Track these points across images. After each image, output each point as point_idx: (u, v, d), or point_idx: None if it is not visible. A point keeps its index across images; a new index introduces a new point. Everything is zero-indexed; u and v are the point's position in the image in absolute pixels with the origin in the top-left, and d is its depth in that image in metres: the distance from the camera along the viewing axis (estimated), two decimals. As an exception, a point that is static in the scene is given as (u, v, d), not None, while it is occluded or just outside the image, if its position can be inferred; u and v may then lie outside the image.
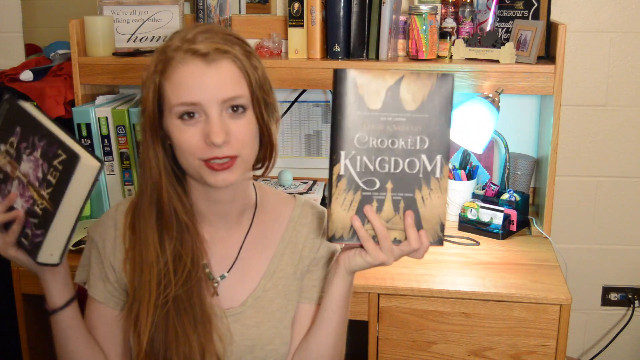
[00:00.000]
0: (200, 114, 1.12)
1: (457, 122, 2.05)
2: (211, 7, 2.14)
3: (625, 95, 2.26)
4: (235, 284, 1.25)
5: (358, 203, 1.11)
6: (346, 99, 1.08)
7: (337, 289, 1.22)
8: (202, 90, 1.11)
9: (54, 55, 2.35)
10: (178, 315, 1.17)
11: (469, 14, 2.11)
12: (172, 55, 1.13)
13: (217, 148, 1.11)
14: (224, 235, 1.27)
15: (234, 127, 1.13)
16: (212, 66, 1.11)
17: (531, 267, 1.85)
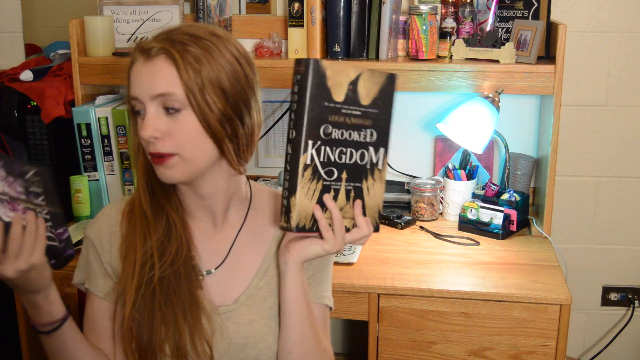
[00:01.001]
0: (142, 109, 1.15)
1: (457, 122, 2.05)
2: (211, 7, 2.14)
3: (625, 95, 2.26)
4: (227, 280, 1.25)
5: (319, 192, 1.14)
6: (316, 89, 1.10)
7: (292, 280, 1.21)
8: (139, 85, 1.14)
9: (54, 55, 2.35)
10: (166, 299, 1.18)
11: (469, 14, 2.11)
12: (133, 51, 1.18)
13: (151, 143, 1.14)
14: (212, 231, 1.27)
15: (169, 125, 1.13)
16: (148, 62, 1.13)
17: (531, 267, 1.85)
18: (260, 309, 1.24)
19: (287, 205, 1.12)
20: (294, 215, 1.11)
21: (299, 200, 1.11)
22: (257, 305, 1.24)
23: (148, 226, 1.22)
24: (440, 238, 2.05)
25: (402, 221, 2.12)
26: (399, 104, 2.40)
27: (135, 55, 1.16)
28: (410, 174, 2.34)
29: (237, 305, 1.24)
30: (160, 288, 1.18)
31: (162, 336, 1.17)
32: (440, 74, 2.01)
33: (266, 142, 2.40)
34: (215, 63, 1.14)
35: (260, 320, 1.24)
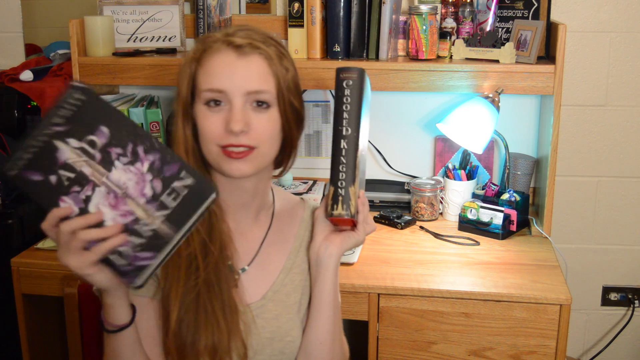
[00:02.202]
0: (225, 102, 1.17)
1: (457, 122, 2.05)
2: (211, 7, 2.14)
3: (625, 95, 2.26)
4: (256, 278, 1.29)
5: (359, 184, 1.24)
6: (364, 91, 1.23)
7: (334, 272, 1.27)
8: (230, 80, 1.16)
9: (54, 55, 2.35)
10: (209, 300, 1.19)
11: (469, 14, 2.11)
12: (210, 45, 1.19)
13: (234, 136, 1.15)
14: (245, 229, 1.30)
15: (255, 120, 1.17)
16: (242, 58, 1.17)
17: (531, 267, 1.85)
18: (285, 304, 1.28)
19: (346, 194, 1.20)
20: (353, 203, 1.20)
21: (355, 190, 1.21)
22: (283, 301, 1.28)
23: None
24: (440, 238, 2.05)
25: (402, 221, 2.12)
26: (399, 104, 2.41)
27: (221, 48, 1.17)
28: (410, 174, 2.34)
29: (264, 301, 1.27)
30: (204, 290, 1.19)
31: (205, 337, 1.18)
32: (440, 74, 2.01)
33: (266, 142, 2.40)
34: (292, 66, 1.23)
35: (286, 315, 1.27)
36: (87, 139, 1.00)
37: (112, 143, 1.00)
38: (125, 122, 1.01)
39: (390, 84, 2.02)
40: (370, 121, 2.30)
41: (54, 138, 0.99)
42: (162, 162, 0.99)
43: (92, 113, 1.00)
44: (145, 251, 1.00)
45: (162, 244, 1.00)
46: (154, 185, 0.99)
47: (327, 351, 1.29)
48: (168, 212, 0.99)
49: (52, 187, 0.99)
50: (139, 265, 1.00)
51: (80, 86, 1.00)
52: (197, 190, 1.00)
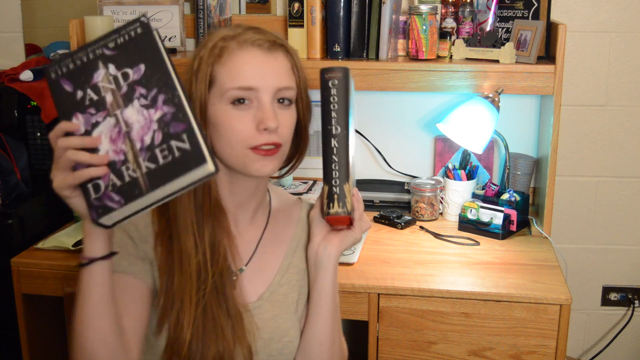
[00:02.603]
0: (252, 100, 1.15)
1: (457, 122, 2.05)
2: (211, 7, 2.14)
3: (625, 95, 2.26)
4: (252, 278, 1.28)
5: (353, 181, 1.25)
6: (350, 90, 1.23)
7: (333, 272, 1.26)
8: (261, 76, 1.15)
9: (54, 55, 2.35)
10: (216, 308, 1.19)
11: (469, 14, 2.11)
12: (227, 44, 1.17)
13: (267, 134, 1.15)
14: (242, 229, 1.29)
15: (281, 117, 1.17)
16: (270, 55, 1.17)
17: (531, 267, 1.85)
18: (282, 305, 1.28)
19: (341, 192, 1.21)
20: (349, 200, 1.21)
21: (349, 187, 1.21)
22: (280, 301, 1.28)
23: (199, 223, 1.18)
24: (440, 238, 2.05)
25: (402, 221, 2.12)
26: (399, 104, 2.41)
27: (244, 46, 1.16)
28: (410, 174, 2.34)
29: (261, 301, 1.27)
30: (211, 298, 1.18)
31: (214, 347, 1.17)
32: (440, 74, 2.01)
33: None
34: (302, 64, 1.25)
35: (284, 316, 1.27)
36: (123, 70, 1.02)
37: (141, 82, 1.01)
38: (163, 68, 1.01)
39: (390, 84, 2.02)
40: (370, 121, 2.32)
41: (100, 58, 1.02)
42: (172, 118, 0.99)
43: (140, 48, 1.02)
44: (117, 194, 1.00)
45: (133, 195, 0.99)
46: (155, 135, 0.99)
47: (326, 351, 1.28)
48: (154, 166, 0.98)
49: (74, 102, 1.02)
50: (105, 205, 1.00)
51: (143, 21, 1.03)
52: (189, 157, 0.97)
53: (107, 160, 1.00)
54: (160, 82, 1.01)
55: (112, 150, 1.01)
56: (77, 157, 0.99)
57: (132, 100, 1.01)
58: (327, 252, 1.25)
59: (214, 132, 1.17)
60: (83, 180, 0.99)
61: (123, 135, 1.01)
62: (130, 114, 1.01)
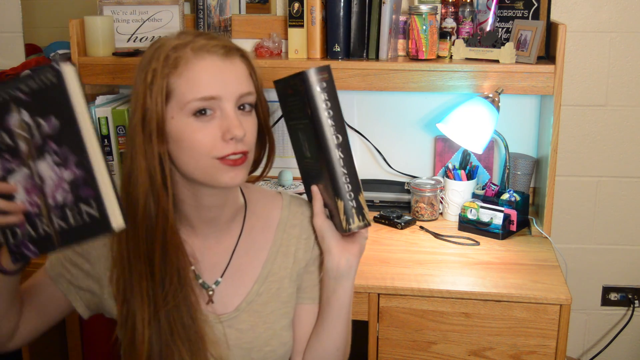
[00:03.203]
0: (214, 109, 1.10)
1: (457, 122, 2.05)
2: (211, 7, 2.14)
3: (625, 95, 2.26)
4: (229, 290, 1.25)
5: None
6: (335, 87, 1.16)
7: (352, 281, 1.25)
8: (221, 84, 1.10)
9: (54, 55, 2.35)
10: (171, 334, 1.16)
11: (469, 14, 2.11)
12: (181, 54, 1.10)
13: (234, 143, 1.10)
14: (213, 243, 1.25)
15: (245, 124, 1.13)
16: (227, 62, 1.12)
17: (531, 267, 1.85)
18: (261, 314, 1.25)
19: (358, 204, 1.17)
20: (366, 210, 1.17)
21: (363, 194, 1.17)
22: (258, 311, 1.25)
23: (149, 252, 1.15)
24: (440, 238, 2.05)
25: (402, 221, 2.12)
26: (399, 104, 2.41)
27: (200, 54, 1.10)
28: (410, 174, 2.34)
29: (238, 312, 1.24)
30: (166, 322, 1.16)
31: None
32: (440, 74, 2.01)
33: (266, 142, 2.40)
34: None
35: (263, 325, 1.24)
36: (37, 120, 0.99)
37: (53, 137, 0.99)
38: (74, 127, 0.98)
39: (390, 84, 2.02)
40: (370, 121, 2.32)
41: (13, 101, 0.98)
42: (82, 181, 0.99)
43: (54, 99, 0.98)
44: (33, 244, 1.03)
45: (47, 248, 1.03)
46: (66, 196, 1.00)
47: (341, 356, 1.29)
48: (65, 226, 1.01)
49: None
50: (23, 252, 1.04)
51: (56, 68, 0.97)
52: (96, 224, 1.00)
53: (22, 210, 1.01)
54: (71, 141, 0.99)
55: (27, 201, 1.01)
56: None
57: (44, 154, 1.00)
58: (350, 263, 1.23)
59: (176, 147, 1.11)
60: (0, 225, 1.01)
61: (37, 188, 1.01)
62: (43, 168, 1.00)
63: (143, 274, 1.15)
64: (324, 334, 1.27)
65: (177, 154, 1.12)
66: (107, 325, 1.34)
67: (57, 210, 1.01)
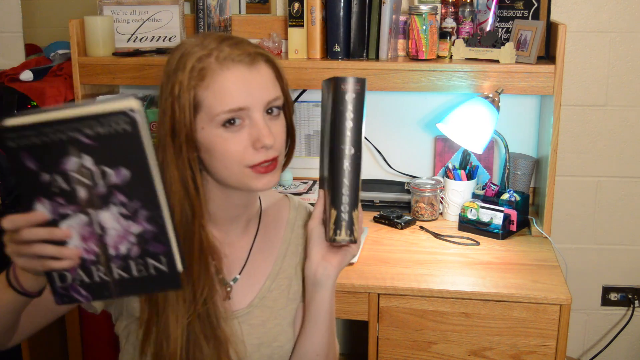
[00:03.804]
0: (243, 119, 1.11)
1: (457, 122, 2.05)
2: (211, 7, 2.14)
3: (625, 95, 2.26)
4: (244, 286, 1.27)
5: None
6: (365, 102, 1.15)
7: (332, 290, 1.24)
8: (249, 94, 1.10)
9: (54, 55, 2.35)
10: (200, 334, 1.17)
11: (469, 14, 2.11)
12: (207, 65, 1.10)
13: (264, 151, 1.11)
14: (234, 240, 1.27)
15: (274, 129, 1.14)
16: (254, 70, 1.12)
17: (531, 267, 1.85)
18: (272, 310, 1.27)
19: (349, 219, 1.15)
20: (358, 228, 1.16)
21: (359, 212, 1.16)
22: (269, 307, 1.27)
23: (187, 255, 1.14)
24: (440, 238, 2.05)
25: (402, 221, 2.12)
26: (399, 104, 2.41)
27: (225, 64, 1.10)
28: (410, 174, 2.34)
29: (250, 308, 1.26)
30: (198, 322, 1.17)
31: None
32: (440, 74, 2.01)
33: (266, 142, 2.40)
34: None
35: (273, 321, 1.26)
36: (102, 168, 0.90)
37: (122, 189, 0.91)
38: (149, 181, 0.91)
39: (390, 84, 2.02)
40: (370, 121, 2.33)
41: (72, 143, 0.88)
42: (153, 237, 0.93)
43: (125, 149, 0.88)
44: (85, 290, 0.97)
45: (102, 294, 0.98)
46: (132, 248, 0.94)
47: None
48: (126, 276, 0.95)
49: (39, 184, 0.91)
50: (72, 295, 0.98)
51: (132, 116, 0.86)
52: (164, 278, 0.95)
53: (76, 255, 0.94)
54: (144, 196, 0.91)
55: (82, 247, 0.94)
56: (45, 251, 0.93)
57: (110, 204, 0.92)
58: (327, 273, 1.22)
59: (208, 156, 1.13)
60: (49, 269, 0.96)
61: (96, 237, 0.94)
62: (106, 219, 0.93)
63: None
64: (304, 337, 1.28)
65: (209, 162, 1.14)
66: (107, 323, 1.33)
67: (119, 260, 0.95)
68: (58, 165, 0.90)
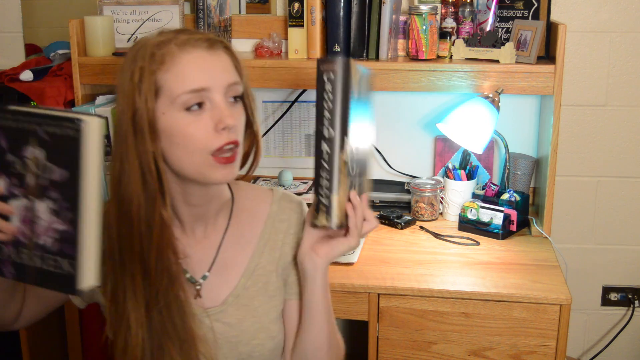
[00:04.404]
0: (204, 102, 1.11)
1: (457, 122, 2.05)
2: (211, 7, 2.14)
3: (625, 95, 2.26)
4: (216, 284, 1.25)
5: (348, 189, 1.15)
6: (347, 87, 1.11)
7: (321, 282, 1.23)
8: (209, 75, 1.11)
9: (54, 55, 2.35)
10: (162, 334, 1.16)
11: (469, 14, 2.11)
12: (167, 50, 1.11)
13: (227, 133, 1.11)
14: (201, 237, 1.26)
15: (235, 113, 1.14)
16: (214, 54, 1.13)
17: (531, 267, 1.85)
18: (249, 308, 1.25)
19: (329, 204, 1.12)
20: (337, 213, 1.13)
21: (342, 198, 1.12)
22: (246, 305, 1.25)
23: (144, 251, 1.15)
24: (440, 238, 2.05)
25: (402, 221, 2.12)
26: (399, 104, 2.41)
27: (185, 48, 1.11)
28: (410, 174, 2.34)
29: (225, 306, 1.24)
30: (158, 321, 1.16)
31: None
32: (440, 74, 2.01)
33: (266, 142, 2.40)
34: None
35: (251, 319, 1.25)
36: (48, 164, 1.01)
37: (59, 187, 1.00)
38: (78, 187, 0.99)
39: (390, 84, 2.02)
40: (370, 121, 2.32)
41: (33, 134, 1.00)
42: (70, 239, 1.00)
43: (70, 152, 0.98)
44: (12, 267, 1.06)
45: (23, 277, 1.06)
46: (52, 243, 1.02)
47: (324, 355, 1.27)
48: (42, 267, 1.03)
49: (4, 161, 1.03)
50: (1, 269, 1.07)
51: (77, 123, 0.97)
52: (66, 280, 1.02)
53: (14, 232, 1.04)
54: (71, 198, 1.00)
55: (18, 228, 1.04)
56: None
57: (44, 198, 1.01)
58: (313, 263, 1.20)
59: (168, 144, 1.12)
60: None
61: (30, 223, 1.03)
62: (41, 209, 1.02)
63: (137, 273, 1.15)
64: (301, 332, 1.27)
65: (170, 151, 1.12)
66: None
67: (39, 250, 1.03)
68: (20, 150, 1.01)
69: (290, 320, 1.30)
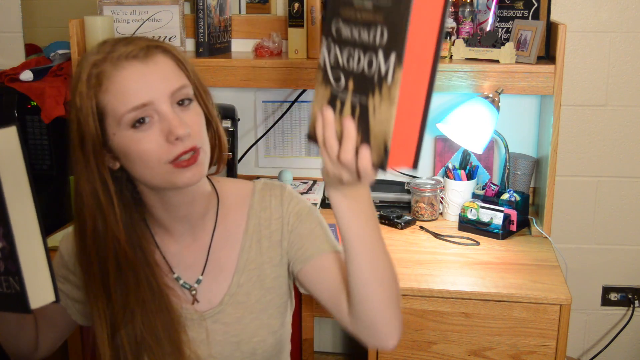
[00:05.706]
0: (151, 115, 1.07)
1: (457, 122, 2.05)
2: (211, 7, 2.14)
3: (625, 95, 2.26)
4: (211, 286, 1.24)
5: (326, 100, 0.98)
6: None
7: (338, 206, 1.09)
8: (149, 88, 1.07)
9: (54, 55, 2.35)
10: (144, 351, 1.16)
11: (469, 14, 2.11)
12: (101, 69, 1.08)
13: (181, 143, 1.07)
14: (190, 242, 1.24)
15: (187, 118, 1.09)
16: (150, 63, 1.09)
17: (531, 267, 1.85)
18: (246, 305, 1.24)
19: (312, 111, 1.01)
20: (310, 123, 1.00)
21: (313, 106, 1.00)
22: (243, 302, 1.24)
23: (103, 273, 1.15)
24: (440, 238, 2.05)
25: (402, 221, 2.12)
26: (399, 104, 2.39)
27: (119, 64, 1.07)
28: (410, 174, 2.34)
29: (222, 306, 1.23)
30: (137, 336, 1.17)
31: None
32: (440, 74, 2.00)
33: (266, 142, 2.40)
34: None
35: (249, 316, 1.24)
36: None
37: None
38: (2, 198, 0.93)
39: (390, 84, 2.02)
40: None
41: None
42: (9, 255, 0.93)
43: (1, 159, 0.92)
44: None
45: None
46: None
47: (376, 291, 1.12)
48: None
49: None
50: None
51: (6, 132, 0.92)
52: (16, 299, 0.95)
53: None
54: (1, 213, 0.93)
55: None
56: None
57: None
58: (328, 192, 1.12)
59: (126, 161, 1.10)
60: None
61: None
62: None
63: (99, 295, 1.15)
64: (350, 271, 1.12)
65: (130, 167, 1.11)
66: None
67: None
68: None
69: (324, 279, 1.20)
